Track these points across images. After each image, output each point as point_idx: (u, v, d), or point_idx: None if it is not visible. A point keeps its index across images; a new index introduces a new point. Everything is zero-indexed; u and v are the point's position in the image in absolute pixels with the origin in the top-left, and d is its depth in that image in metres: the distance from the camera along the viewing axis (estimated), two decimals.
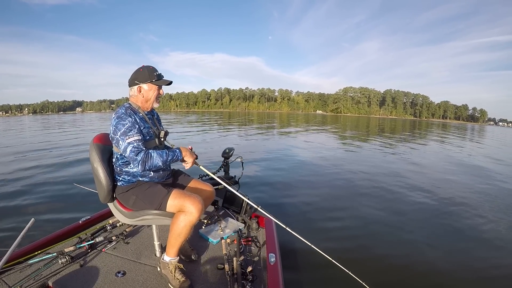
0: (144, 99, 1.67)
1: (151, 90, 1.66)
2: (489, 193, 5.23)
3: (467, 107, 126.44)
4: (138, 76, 1.65)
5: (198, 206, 1.53)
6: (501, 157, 10.81)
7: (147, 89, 1.65)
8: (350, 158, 8.69)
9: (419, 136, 20.32)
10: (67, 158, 7.29)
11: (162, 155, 1.56)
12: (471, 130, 39.64)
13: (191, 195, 1.59)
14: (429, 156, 10.24)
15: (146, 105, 1.70)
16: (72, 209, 3.64)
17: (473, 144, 16.74)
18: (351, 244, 3.05)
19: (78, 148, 9.05)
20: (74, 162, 6.75)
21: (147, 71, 1.64)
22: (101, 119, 35.65)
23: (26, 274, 1.55)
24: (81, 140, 11.51)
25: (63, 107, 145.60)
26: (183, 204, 1.54)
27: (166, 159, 1.58)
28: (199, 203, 1.55)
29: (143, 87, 1.65)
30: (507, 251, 3.05)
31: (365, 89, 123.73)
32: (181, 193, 1.60)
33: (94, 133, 1.77)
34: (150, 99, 1.68)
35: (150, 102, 1.69)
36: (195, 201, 1.54)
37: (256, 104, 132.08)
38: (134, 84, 1.65)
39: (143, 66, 1.68)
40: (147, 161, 1.52)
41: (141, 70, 1.65)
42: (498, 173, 7.29)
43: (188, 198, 1.55)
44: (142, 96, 1.66)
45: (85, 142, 10.45)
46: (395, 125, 38.99)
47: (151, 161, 1.53)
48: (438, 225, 3.67)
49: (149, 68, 1.65)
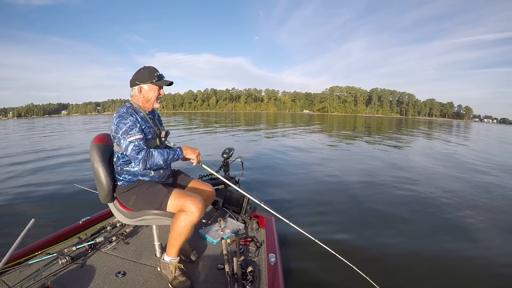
0: (144, 99, 1.69)
1: (152, 91, 1.68)
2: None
3: (452, 104, 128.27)
4: (139, 77, 1.66)
5: (199, 206, 1.53)
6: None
7: (147, 89, 1.67)
8: (339, 156, 8.89)
9: (407, 133, 20.70)
10: (67, 159, 7.30)
11: (163, 154, 1.58)
12: (457, 127, 41.00)
13: (192, 194, 1.59)
14: (427, 151, 10.42)
15: (147, 105, 1.71)
16: (72, 209, 3.64)
17: (460, 140, 17.27)
18: (350, 237, 3.12)
19: (78, 149, 9.06)
20: (74, 163, 6.75)
21: (147, 72, 1.66)
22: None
23: (26, 274, 1.55)
24: (81, 141, 11.52)
25: (48, 110, 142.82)
26: (184, 204, 1.54)
27: (167, 157, 1.59)
28: (200, 203, 1.55)
29: (143, 87, 1.66)
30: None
31: (352, 88, 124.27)
32: (182, 193, 1.60)
33: (91, 134, 1.78)
34: (150, 99, 1.69)
35: (150, 102, 1.71)
36: (196, 201, 1.54)
37: (242, 104, 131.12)
38: (135, 84, 1.67)
39: (144, 66, 1.70)
40: (148, 160, 1.53)
41: (142, 71, 1.67)
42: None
43: (189, 198, 1.55)
44: (143, 97, 1.68)
45: (80, 142, 10.46)
46: (382, 123, 39.92)
47: (152, 160, 1.54)
48: (430, 216, 3.88)
49: (150, 69, 1.67)
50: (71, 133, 17.33)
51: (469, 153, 10.64)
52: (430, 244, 3.03)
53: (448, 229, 3.42)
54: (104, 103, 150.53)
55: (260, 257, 1.90)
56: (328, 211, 3.90)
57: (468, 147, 13.16)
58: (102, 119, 43.62)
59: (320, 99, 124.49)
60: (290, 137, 14.68)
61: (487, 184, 5.62)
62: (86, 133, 16.48)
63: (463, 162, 8.43)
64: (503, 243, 3.13)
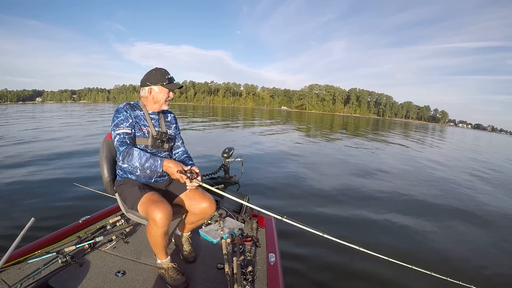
0: (153, 101, 1.72)
1: (162, 93, 1.70)
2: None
3: (429, 108, 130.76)
4: (150, 78, 1.69)
5: (162, 217, 1.42)
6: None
7: (157, 91, 1.70)
8: (308, 152, 9.52)
9: (385, 134, 21.74)
10: (67, 158, 7.28)
11: (141, 158, 1.55)
12: (433, 130, 43.22)
13: (160, 202, 1.48)
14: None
15: (155, 106, 1.75)
16: (72, 208, 3.64)
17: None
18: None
19: (78, 148, 9.04)
20: (74, 162, 6.74)
21: (159, 74, 1.68)
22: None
23: (25, 273, 1.54)
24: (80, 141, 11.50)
25: (23, 97, 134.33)
26: (147, 211, 1.48)
27: (143, 162, 1.55)
28: (164, 214, 1.43)
29: (153, 89, 1.69)
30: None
31: (331, 87, 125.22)
32: (152, 198, 1.52)
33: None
34: (159, 101, 1.72)
35: (159, 104, 1.74)
36: (161, 211, 1.43)
37: (221, 98, 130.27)
38: (146, 85, 1.70)
39: (156, 68, 1.72)
40: (126, 156, 1.56)
41: (154, 73, 1.69)
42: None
43: (154, 206, 1.45)
44: (152, 98, 1.71)
45: (82, 140, 10.45)
46: (359, 122, 41.41)
47: (130, 158, 1.56)
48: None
49: (161, 71, 1.69)
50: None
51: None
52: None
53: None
54: (80, 91, 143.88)
55: (260, 257, 1.90)
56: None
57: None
58: (77, 108, 41.07)
59: (299, 97, 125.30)
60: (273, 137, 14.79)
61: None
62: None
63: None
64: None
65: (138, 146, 1.68)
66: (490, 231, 3.88)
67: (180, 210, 1.77)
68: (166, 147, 1.75)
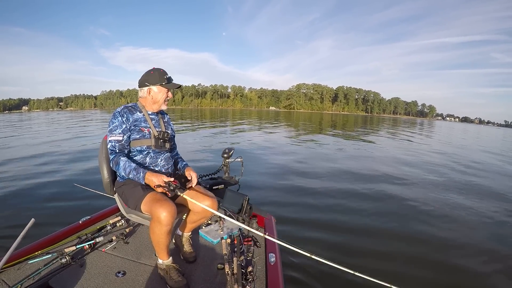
0: (152, 101, 1.73)
1: (161, 93, 1.71)
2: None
3: (416, 103, 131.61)
4: (148, 78, 1.70)
5: (167, 215, 1.42)
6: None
7: (156, 91, 1.71)
8: (304, 152, 9.10)
9: (377, 130, 22.02)
10: (67, 158, 7.29)
11: (126, 169, 1.58)
12: (421, 125, 43.17)
13: (164, 201, 1.49)
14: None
15: (154, 107, 1.75)
16: (72, 209, 3.64)
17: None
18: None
19: (78, 148, 9.05)
20: (74, 162, 6.74)
21: (157, 74, 1.69)
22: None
23: (26, 274, 1.55)
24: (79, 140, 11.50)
25: (9, 106, 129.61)
26: (152, 209, 1.48)
27: (127, 173, 1.59)
28: (169, 212, 1.43)
29: (152, 89, 1.70)
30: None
31: (318, 85, 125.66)
32: (154, 197, 1.52)
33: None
34: (158, 101, 1.73)
35: (158, 104, 1.75)
36: (165, 209, 1.43)
37: (209, 100, 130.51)
38: (144, 85, 1.71)
39: (154, 68, 1.72)
40: (114, 165, 1.63)
41: (152, 73, 1.70)
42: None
43: (159, 204, 1.46)
44: (151, 98, 1.72)
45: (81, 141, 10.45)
46: (348, 120, 41.54)
47: (116, 167, 1.63)
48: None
49: (160, 71, 1.70)
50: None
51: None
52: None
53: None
54: (67, 99, 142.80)
55: (260, 257, 1.90)
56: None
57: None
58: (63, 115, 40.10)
59: (287, 96, 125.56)
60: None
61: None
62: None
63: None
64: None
65: (141, 148, 1.69)
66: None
67: (183, 209, 1.78)
68: (167, 147, 1.77)
